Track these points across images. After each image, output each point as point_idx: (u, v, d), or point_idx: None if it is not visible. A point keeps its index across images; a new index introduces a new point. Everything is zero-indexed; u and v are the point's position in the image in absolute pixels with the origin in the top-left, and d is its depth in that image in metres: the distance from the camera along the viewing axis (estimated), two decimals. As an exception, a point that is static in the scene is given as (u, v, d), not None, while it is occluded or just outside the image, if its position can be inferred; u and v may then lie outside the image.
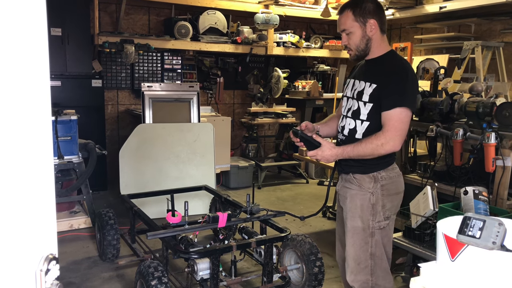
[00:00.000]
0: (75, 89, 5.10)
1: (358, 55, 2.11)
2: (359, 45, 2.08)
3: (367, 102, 2.06)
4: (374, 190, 2.08)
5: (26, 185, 0.79)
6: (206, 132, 4.71)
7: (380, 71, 2.07)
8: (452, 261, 1.17)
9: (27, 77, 0.81)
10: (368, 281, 2.12)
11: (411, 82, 2.02)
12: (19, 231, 0.76)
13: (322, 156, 2.04)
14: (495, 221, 1.10)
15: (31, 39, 0.80)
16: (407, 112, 1.99)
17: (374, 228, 2.09)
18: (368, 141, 1.99)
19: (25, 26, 0.79)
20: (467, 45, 4.89)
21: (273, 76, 6.18)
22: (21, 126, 0.79)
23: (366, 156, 2.02)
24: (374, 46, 2.08)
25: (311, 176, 6.32)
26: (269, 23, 5.78)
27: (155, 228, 2.87)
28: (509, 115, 2.88)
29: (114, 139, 5.90)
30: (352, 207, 2.13)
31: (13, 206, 0.76)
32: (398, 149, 2.02)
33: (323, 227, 4.41)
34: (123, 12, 5.51)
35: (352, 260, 2.14)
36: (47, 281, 0.77)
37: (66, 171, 4.18)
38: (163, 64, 5.98)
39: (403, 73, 2.02)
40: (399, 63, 2.08)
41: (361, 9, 2.04)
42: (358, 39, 2.07)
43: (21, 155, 0.78)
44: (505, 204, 2.91)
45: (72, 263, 3.49)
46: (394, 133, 1.96)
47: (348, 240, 2.16)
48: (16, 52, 0.78)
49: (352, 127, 2.13)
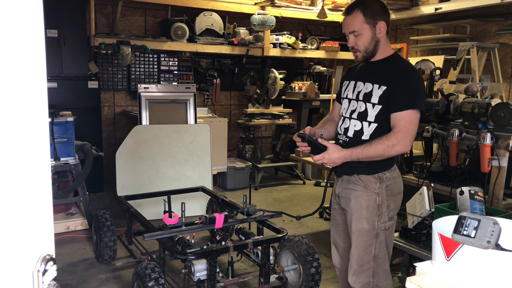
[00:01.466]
0: (71, 91, 5.09)
1: (366, 56, 2.08)
2: (368, 47, 2.05)
3: (376, 104, 2.04)
4: (380, 191, 2.07)
5: (23, 185, 0.79)
6: (203, 133, 4.71)
7: (389, 73, 2.05)
8: (447, 261, 1.18)
9: (24, 79, 0.81)
10: (370, 283, 2.11)
11: (422, 84, 2.04)
12: (16, 232, 0.76)
13: (329, 159, 2.00)
14: (490, 220, 1.11)
15: (28, 40, 0.81)
16: (417, 114, 2.00)
17: (379, 229, 2.09)
18: (379, 142, 1.98)
19: (21, 27, 0.79)
20: (463, 46, 4.92)
21: (270, 77, 6.19)
22: (18, 127, 0.79)
23: (376, 158, 2.00)
24: (381, 48, 2.07)
25: (308, 177, 6.33)
26: (265, 25, 5.79)
27: (152, 230, 2.87)
28: (504, 115, 2.90)
29: (111, 141, 5.89)
30: (357, 209, 2.11)
31: (10, 206, 0.76)
32: (408, 150, 2.05)
33: (320, 227, 4.42)
34: (119, 14, 5.51)
35: (355, 261, 2.12)
36: (44, 282, 0.77)
37: (62, 172, 4.17)
38: (160, 66, 5.98)
39: (413, 75, 2.03)
40: (407, 65, 2.09)
41: (371, 10, 2.01)
42: (368, 41, 2.04)
43: (18, 156, 0.78)
44: (501, 204, 2.93)
45: (68, 264, 3.48)
46: (405, 134, 1.97)
47: (353, 242, 2.14)
48: (12, 54, 0.78)
49: (358, 128, 2.11)
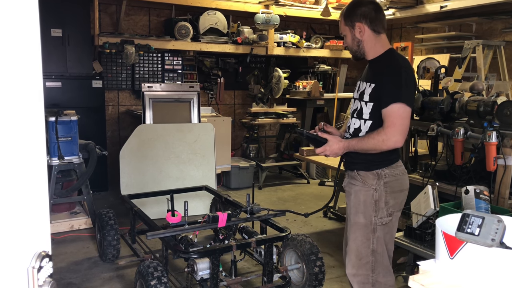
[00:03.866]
0: (75, 90, 5.10)
1: (354, 55, 2.25)
2: (351, 47, 2.22)
3: (368, 101, 2.14)
4: (377, 187, 2.13)
5: (18, 182, 0.78)
6: (207, 132, 4.71)
7: (378, 71, 2.15)
8: (451, 259, 1.16)
9: (18, 75, 0.80)
10: (369, 276, 2.16)
11: (405, 78, 2.05)
12: (10, 228, 0.75)
13: (330, 150, 2.13)
14: (494, 218, 1.09)
15: (21, 36, 0.80)
16: (405, 108, 2.03)
17: (376, 224, 2.14)
18: (371, 136, 2.06)
19: (15, 23, 0.79)
20: (468, 44, 4.87)
21: (274, 76, 6.17)
22: (13, 123, 0.78)
23: (369, 151, 2.08)
24: (368, 47, 2.17)
25: (312, 177, 6.30)
26: (269, 23, 5.77)
27: (155, 228, 2.87)
28: (510, 114, 2.86)
29: (115, 140, 5.90)
30: (356, 203, 2.19)
31: (5, 202, 0.75)
32: (400, 145, 2.07)
33: (324, 227, 4.40)
34: (123, 13, 5.52)
35: (353, 255, 2.19)
36: (39, 279, 0.76)
37: (66, 171, 4.18)
38: (164, 65, 5.97)
39: (396, 69, 2.08)
40: (393, 61, 2.13)
41: (350, 13, 2.17)
42: (350, 41, 2.21)
43: (13, 151, 0.78)
44: (507, 203, 2.90)
45: (72, 263, 3.49)
46: (394, 129, 2.01)
47: (351, 235, 2.21)
48: (6, 50, 0.77)
49: (357, 126, 2.20)
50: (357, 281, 2.18)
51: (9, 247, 0.73)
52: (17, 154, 0.79)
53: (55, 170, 3.97)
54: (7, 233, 0.73)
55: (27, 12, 0.81)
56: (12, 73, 0.78)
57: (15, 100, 0.78)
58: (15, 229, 0.75)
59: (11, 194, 0.76)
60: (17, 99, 0.79)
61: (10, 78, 0.77)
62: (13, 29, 0.78)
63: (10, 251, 0.73)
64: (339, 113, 6.64)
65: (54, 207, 4.24)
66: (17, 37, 0.79)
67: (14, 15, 0.78)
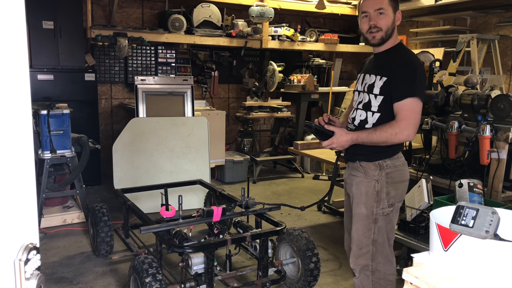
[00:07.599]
0: (67, 83, 5.04)
1: (384, 38, 2.13)
2: (389, 28, 2.11)
3: (378, 94, 2.14)
4: (379, 178, 2.15)
5: (4, 173, 0.76)
6: (201, 126, 4.68)
7: (389, 64, 2.14)
8: (445, 251, 1.16)
9: (3, 67, 0.78)
10: (369, 265, 2.20)
11: (420, 73, 2.09)
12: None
13: (337, 143, 2.12)
14: (489, 210, 1.09)
15: (5, 25, 0.77)
16: (418, 102, 2.06)
17: (377, 215, 2.17)
18: (383, 129, 2.06)
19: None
20: (463, 38, 4.88)
21: (268, 70, 6.14)
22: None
23: (380, 144, 2.08)
24: (393, 36, 2.15)
25: (307, 171, 6.30)
26: (264, 16, 5.73)
27: (149, 223, 2.85)
28: (504, 107, 2.87)
29: (108, 134, 5.86)
30: (358, 194, 2.20)
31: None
32: (412, 139, 2.11)
33: (318, 221, 4.40)
34: (116, 5, 5.46)
35: (355, 244, 2.23)
36: (26, 271, 0.74)
37: (59, 165, 4.14)
38: (157, 58, 5.93)
39: (411, 65, 2.09)
40: (407, 55, 2.15)
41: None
42: (390, 22, 2.11)
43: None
44: (500, 196, 2.91)
45: (65, 258, 3.46)
46: (407, 123, 2.03)
47: (353, 225, 2.24)
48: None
49: (363, 118, 2.20)
50: (358, 270, 2.23)
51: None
52: (3, 147, 0.76)
53: (47, 164, 3.93)
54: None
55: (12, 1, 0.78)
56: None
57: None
58: (1, 221, 0.73)
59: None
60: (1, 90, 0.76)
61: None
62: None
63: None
64: (333, 107, 6.63)
65: (47, 201, 4.21)
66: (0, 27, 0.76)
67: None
